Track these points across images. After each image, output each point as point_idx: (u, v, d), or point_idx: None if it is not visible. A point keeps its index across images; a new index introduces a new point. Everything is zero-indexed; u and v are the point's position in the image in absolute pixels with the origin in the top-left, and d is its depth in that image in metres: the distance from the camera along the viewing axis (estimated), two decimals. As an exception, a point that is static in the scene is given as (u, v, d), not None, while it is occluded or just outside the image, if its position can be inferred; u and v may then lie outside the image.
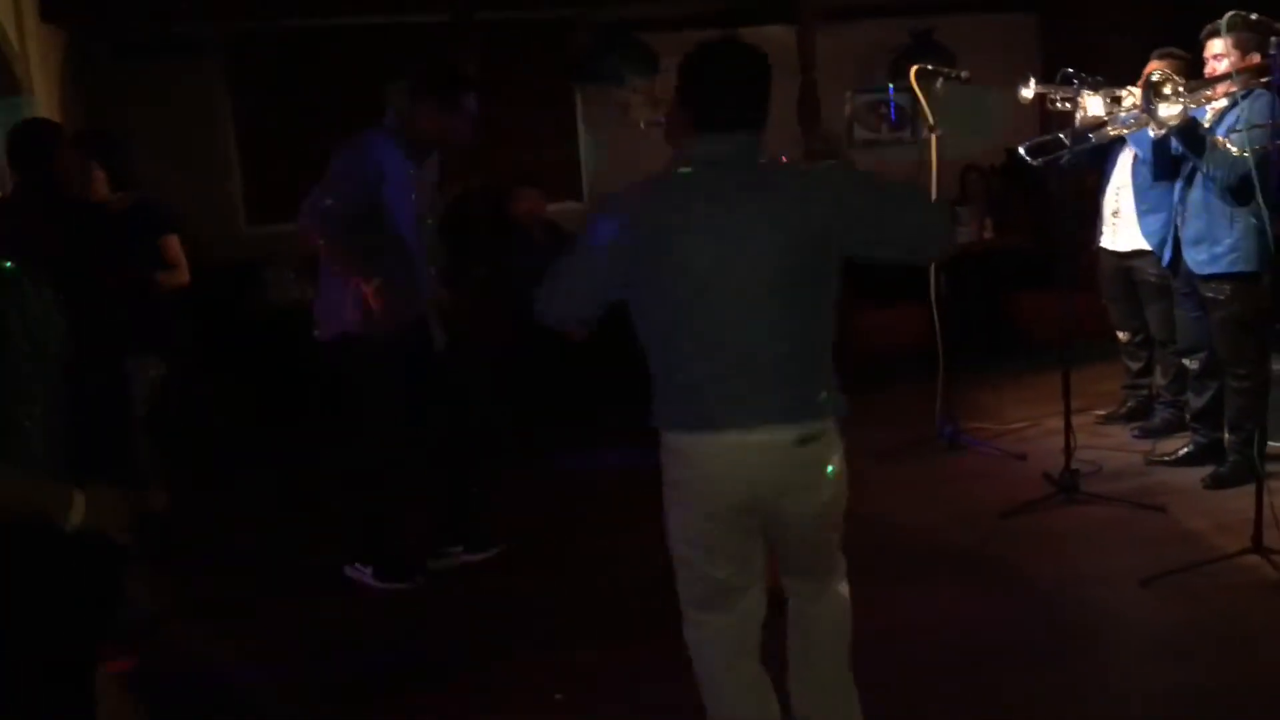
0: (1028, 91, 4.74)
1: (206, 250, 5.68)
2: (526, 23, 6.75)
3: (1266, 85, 3.48)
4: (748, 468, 2.33)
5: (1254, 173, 3.60)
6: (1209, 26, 4.09)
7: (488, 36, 6.49)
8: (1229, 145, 3.95)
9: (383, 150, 3.78)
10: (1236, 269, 4.14)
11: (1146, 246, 4.68)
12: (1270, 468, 4.38)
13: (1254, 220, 3.96)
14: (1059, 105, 4.59)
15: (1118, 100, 4.31)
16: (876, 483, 4.85)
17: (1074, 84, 4.31)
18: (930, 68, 5.00)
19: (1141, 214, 4.63)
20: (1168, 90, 3.79)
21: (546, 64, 7.04)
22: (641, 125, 6.50)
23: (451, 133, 3.87)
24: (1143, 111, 3.90)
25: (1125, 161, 4.80)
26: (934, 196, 4.96)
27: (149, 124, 6.30)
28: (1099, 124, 4.37)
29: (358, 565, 4.00)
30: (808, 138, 6.36)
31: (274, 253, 6.28)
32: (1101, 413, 5.34)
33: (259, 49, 6.79)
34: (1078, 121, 4.51)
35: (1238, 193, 4.01)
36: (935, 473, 4.92)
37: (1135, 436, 5.08)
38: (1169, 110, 3.80)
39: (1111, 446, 4.99)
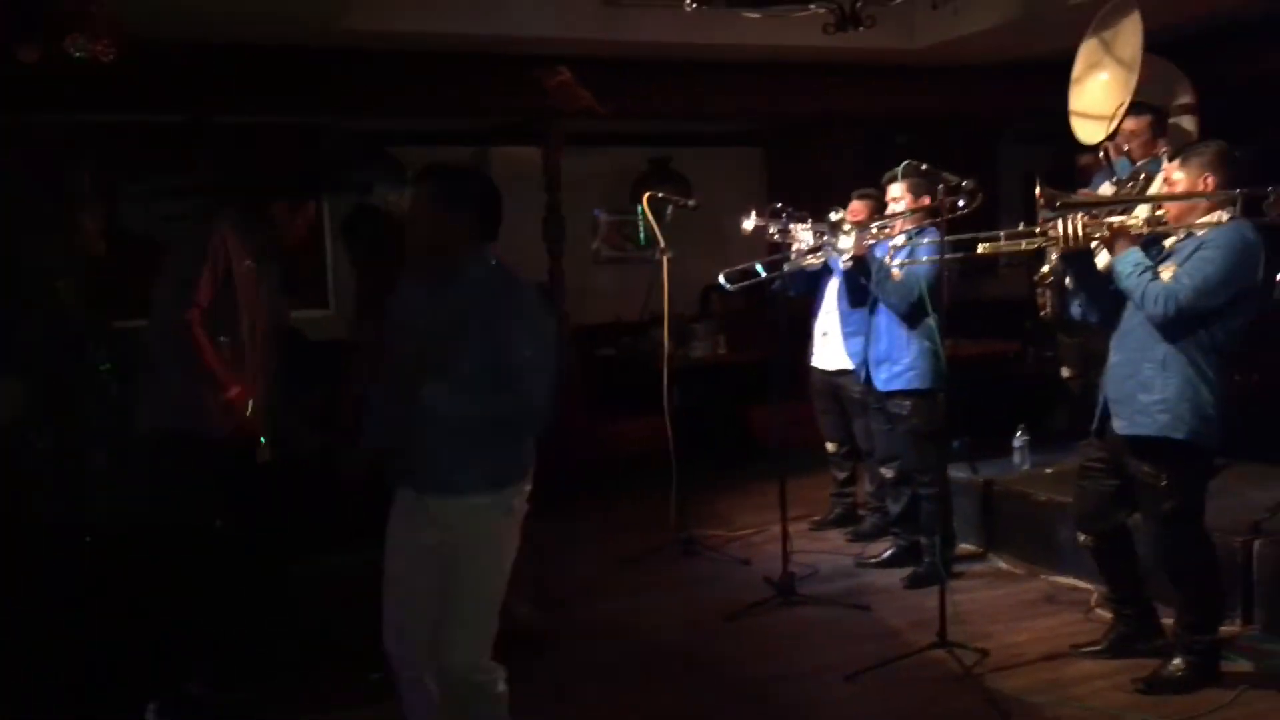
0: (748, 224, 5.23)
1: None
2: (269, 127, 6.70)
3: (935, 223, 4.01)
4: None
5: (926, 299, 4.12)
6: (888, 174, 4.70)
7: (229, 139, 6.42)
8: (902, 274, 4.49)
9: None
10: (914, 386, 4.65)
11: (851, 365, 5.14)
12: (959, 567, 4.90)
13: (928, 343, 4.50)
14: (775, 237, 5.09)
15: (820, 233, 4.82)
16: (614, 587, 5.01)
17: (783, 218, 4.79)
18: (661, 195, 5.39)
19: (846, 336, 5.12)
20: (846, 228, 4.31)
21: (291, 170, 6.99)
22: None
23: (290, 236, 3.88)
24: (826, 245, 4.41)
25: (833, 288, 5.29)
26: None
27: None
28: (801, 256, 4.89)
29: None
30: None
31: None
32: (816, 518, 5.74)
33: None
34: (792, 251, 5.01)
35: (911, 317, 4.55)
36: (668, 577, 5.11)
37: (848, 540, 5.49)
38: (847, 243, 4.33)
39: (828, 550, 5.36)
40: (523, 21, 5.78)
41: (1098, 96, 5.13)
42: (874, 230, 4.58)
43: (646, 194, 5.39)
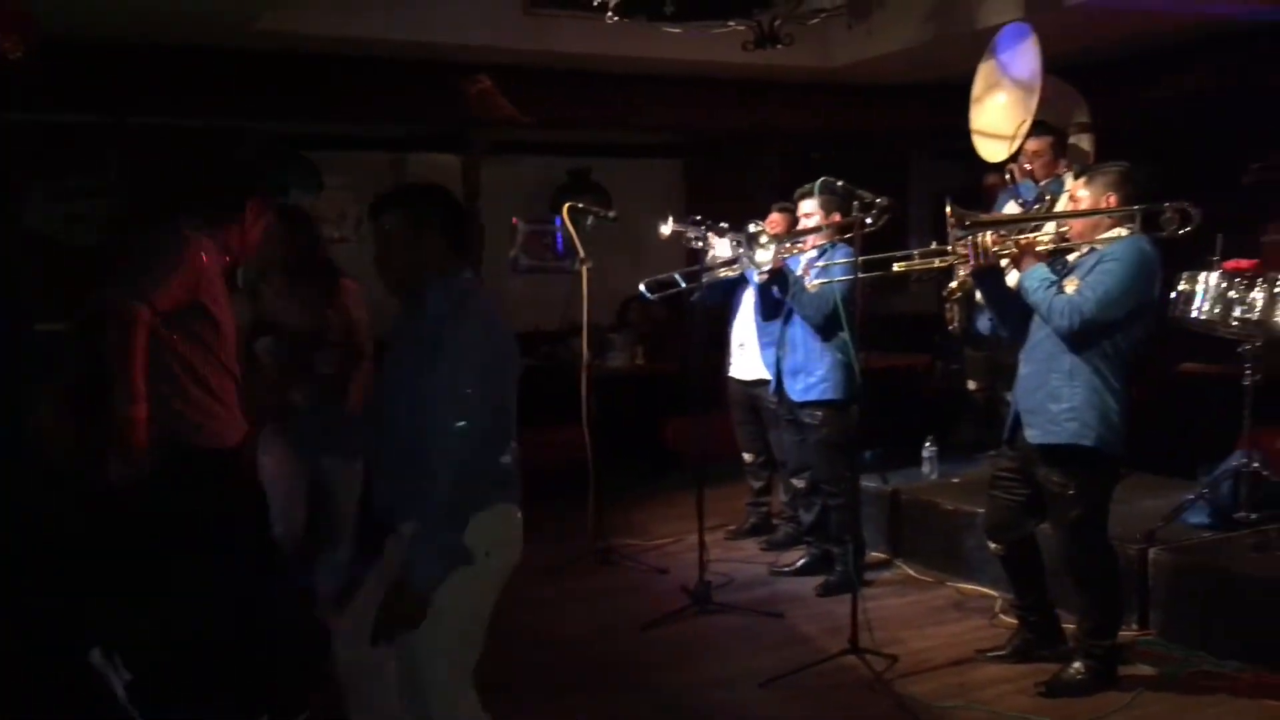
0: (665, 229, 5.29)
1: None
2: (185, 130, 6.55)
3: (848, 240, 4.10)
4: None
5: (841, 313, 4.22)
6: (801, 189, 4.81)
7: (143, 141, 6.27)
8: (817, 288, 4.58)
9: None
10: (827, 397, 4.74)
11: (768, 376, 5.21)
12: (869, 575, 4.99)
13: (840, 355, 4.60)
14: (693, 243, 5.16)
15: (738, 244, 4.90)
16: (532, 598, 4.98)
17: (701, 227, 4.85)
18: (581, 206, 5.40)
19: (763, 346, 5.19)
20: (764, 240, 4.39)
21: (211, 173, 6.85)
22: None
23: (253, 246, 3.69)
24: (743, 257, 4.49)
25: (750, 299, 5.36)
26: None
27: None
28: (718, 267, 4.96)
29: None
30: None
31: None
32: (732, 528, 5.80)
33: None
34: (708, 260, 5.08)
35: (824, 330, 4.65)
36: (586, 588, 5.10)
37: (762, 549, 5.55)
38: (765, 256, 4.41)
39: (742, 559, 5.41)
40: (444, 29, 5.76)
41: (998, 116, 5.32)
42: (786, 245, 4.68)
43: (567, 204, 5.40)
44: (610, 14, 4.91)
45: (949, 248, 3.84)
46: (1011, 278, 3.85)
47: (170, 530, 3.41)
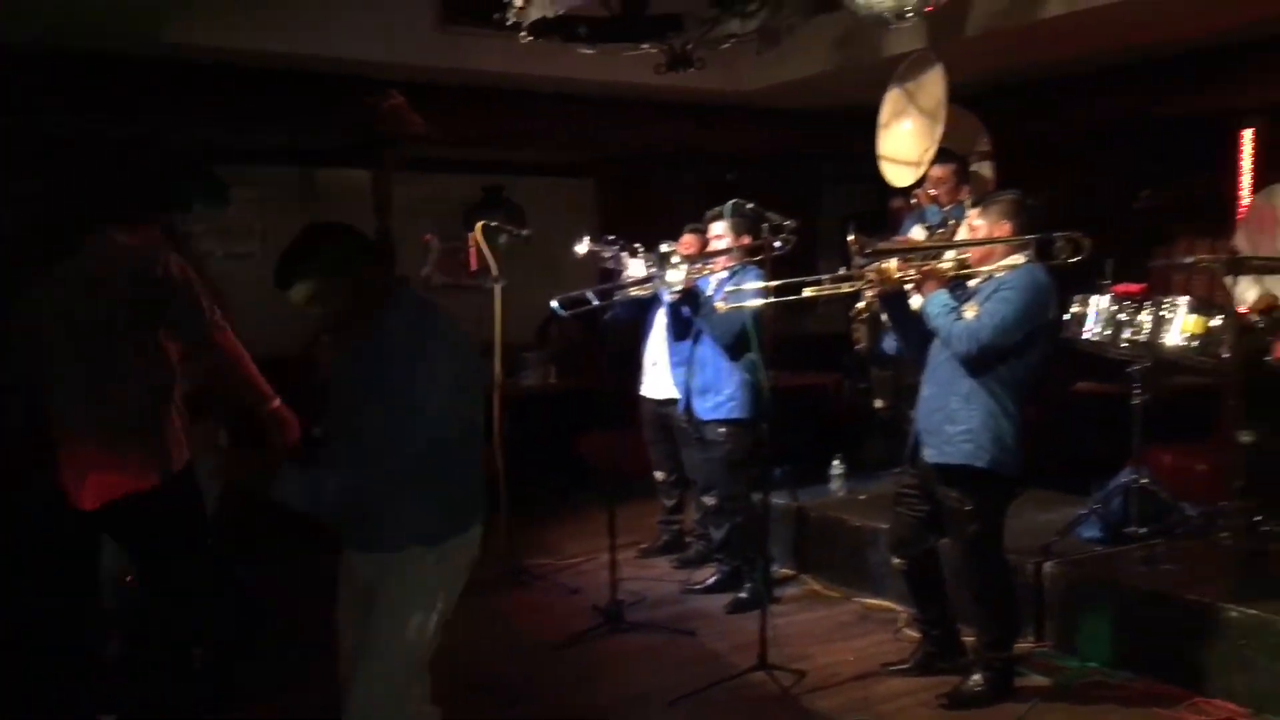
0: (581, 248, 5.32)
1: None
2: (89, 138, 6.36)
3: (758, 262, 4.18)
4: None
5: (751, 334, 4.30)
6: (711, 211, 4.89)
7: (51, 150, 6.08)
8: (726, 310, 4.65)
9: None
10: (733, 416, 4.83)
11: (679, 394, 5.26)
12: (778, 591, 5.07)
13: (748, 375, 4.69)
14: (608, 263, 5.21)
15: (651, 264, 4.96)
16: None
17: (616, 246, 4.91)
18: (495, 224, 5.40)
19: (674, 365, 5.24)
20: (675, 260, 4.46)
21: (121, 183, 6.66)
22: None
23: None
24: (656, 277, 4.56)
25: (662, 318, 5.40)
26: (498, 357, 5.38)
27: None
28: (630, 286, 5.03)
29: None
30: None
31: None
32: (644, 545, 5.83)
33: None
34: (623, 278, 5.13)
35: (733, 350, 4.73)
36: (497, 608, 5.07)
37: (674, 567, 5.59)
38: (676, 276, 4.49)
39: (654, 577, 5.44)
40: (356, 44, 5.71)
41: (904, 143, 5.48)
42: (698, 266, 4.75)
43: (480, 222, 5.39)
44: (524, 34, 4.92)
45: (855, 273, 3.94)
46: (915, 301, 3.96)
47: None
